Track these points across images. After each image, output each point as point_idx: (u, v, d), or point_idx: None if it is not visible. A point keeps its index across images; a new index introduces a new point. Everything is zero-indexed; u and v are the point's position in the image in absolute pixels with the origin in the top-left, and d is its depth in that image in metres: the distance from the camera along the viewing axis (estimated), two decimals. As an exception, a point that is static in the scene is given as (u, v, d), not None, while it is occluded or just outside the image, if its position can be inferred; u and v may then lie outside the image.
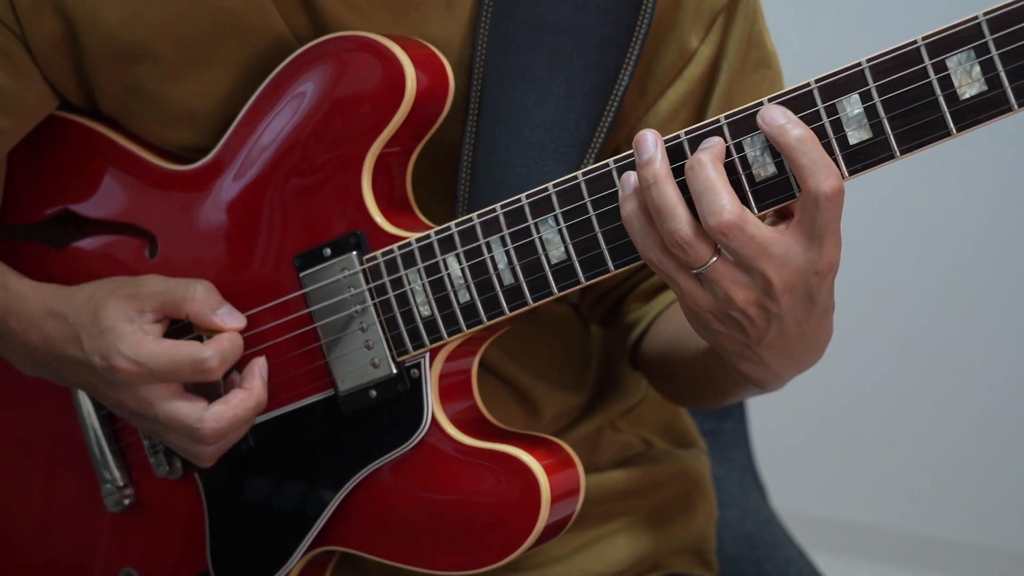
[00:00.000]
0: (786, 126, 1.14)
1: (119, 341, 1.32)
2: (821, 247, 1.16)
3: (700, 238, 1.16)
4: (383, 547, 1.35)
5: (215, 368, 1.32)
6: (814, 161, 1.14)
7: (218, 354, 1.32)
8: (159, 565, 1.44)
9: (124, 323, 1.33)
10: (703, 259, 1.17)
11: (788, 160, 1.15)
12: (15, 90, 1.37)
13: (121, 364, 1.32)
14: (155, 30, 1.34)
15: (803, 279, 1.18)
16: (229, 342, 1.33)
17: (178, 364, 1.31)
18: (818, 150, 1.14)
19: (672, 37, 1.36)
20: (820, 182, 1.14)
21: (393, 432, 1.33)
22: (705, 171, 1.15)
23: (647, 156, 1.17)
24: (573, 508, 1.33)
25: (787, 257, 1.16)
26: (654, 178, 1.17)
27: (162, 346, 1.32)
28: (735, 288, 1.18)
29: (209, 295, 1.35)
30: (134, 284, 1.36)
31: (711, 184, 1.15)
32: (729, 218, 1.14)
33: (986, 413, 2.99)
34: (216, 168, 1.37)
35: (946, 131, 1.11)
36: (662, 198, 1.17)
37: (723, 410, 1.86)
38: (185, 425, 1.33)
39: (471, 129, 1.36)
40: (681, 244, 1.16)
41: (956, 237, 2.93)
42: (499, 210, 1.26)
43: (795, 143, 1.14)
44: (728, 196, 1.15)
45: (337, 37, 1.32)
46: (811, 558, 1.75)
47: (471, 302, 1.29)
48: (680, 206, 1.16)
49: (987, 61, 1.09)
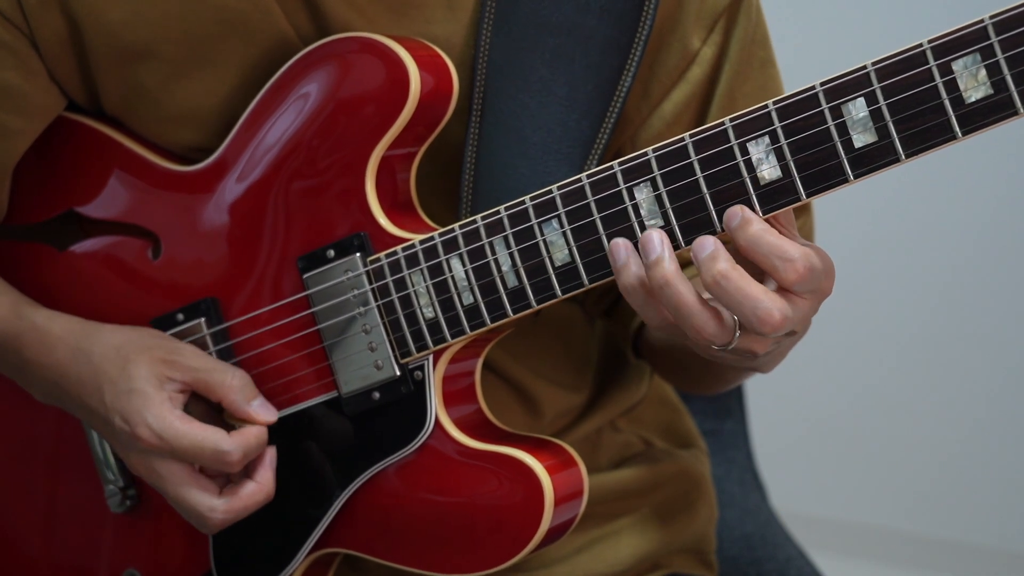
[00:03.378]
0: (737, 230, 1.15)
1: (145, 409, 1.32)
2: (821, 292, 1.18)
3: (723, 326, 1.17)
4: (386, 549, 1.35)
5: (235, 463, 1.32)
6: (767, 257, 1.15)
7: (241, 449, 1.32)
8: (162, 566, 1.44)
9: (153, 388, 1.32)
10: (727, 340, 1.18)
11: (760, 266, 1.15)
12: (27, 90, 1.37)
13: (143, 433, 1.32)
14: (158, 29, 1.34)
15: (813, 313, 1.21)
16: (255, 439, 1.33)
17: (200, 451, 1.31)
18: (768, 244, 1.14)
19: (674, 38, 1.36)
20: (783, 276, 1.15)
21: (396, 434, 1.33)
22: (733, 283, 1.15)
23: (654, 255, 1.17)
24: (576, 511, 1.33)
25: (804, 313, 1.18)
26: (664, 280, 1.16)
27: (188, 427, 1.32)
28: (756, 345, 1.20)
29: (245, 385, 1.34)
30: (172, 350, 1.35)
31: (748, 293, 1.14)
32: (779, 318, 1.15)
33: (986, 413, 2.99)
34: (220, 169, 1.37)
35: (952, 135, 1.11)
36: (678, 298, 1.16)
37: (723, 410, 1.86)
38: (195, 511, 1.34)
39: (474, 130, 1.36)
40: (708, 338, 1.17)
41: (956, 237, 2.93)
42: (503, 212, 1.26)
43: (746, 245, 1.14)
44: (766, 296, 1.15)
45: (341, 38, 1.32)
46: (811, 558, 1.75)
47: (475, 304, 1.29)
48: (698, 303, 1.16)
49: (993, 64, 1.09)
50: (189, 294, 1.39)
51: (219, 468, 1.33)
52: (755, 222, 1.15)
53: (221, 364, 1.35)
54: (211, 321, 1.38)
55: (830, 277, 1.19)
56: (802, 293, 1.16)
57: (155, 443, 1.32)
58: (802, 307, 1.17)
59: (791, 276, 1.14)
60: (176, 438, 1.31)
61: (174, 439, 1.31)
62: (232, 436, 1.32)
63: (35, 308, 1.41)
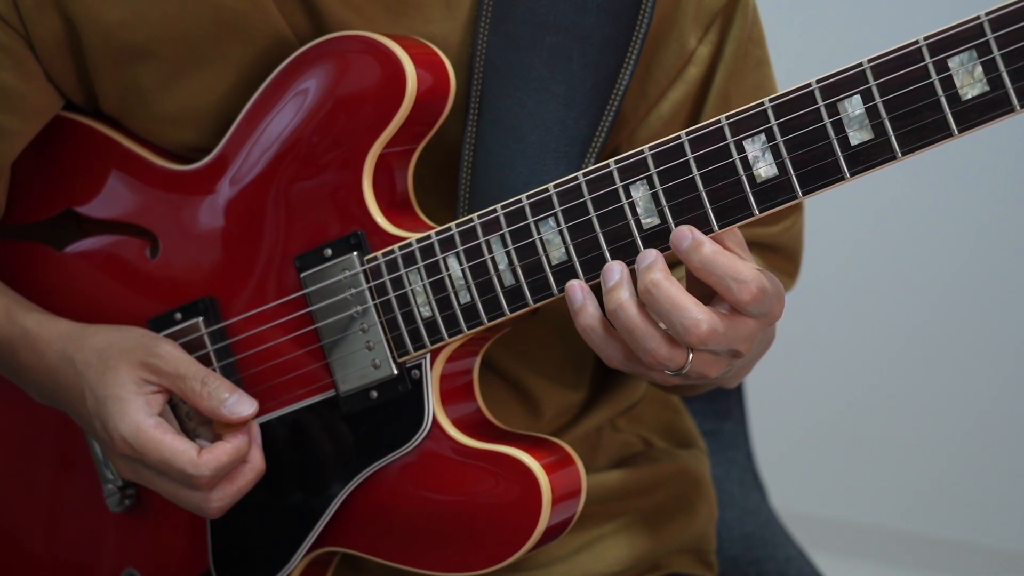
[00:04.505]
0: (689, 251, 1.17)
1: (120, 416, 1.32)
2: (770, 315, 1.20)
3: (675, 348, 1.20)
4: (384, 548, 1.35)
5: (204, 484, 1.32)
6: (721, 278, 1.17)
7: (210, 469, 1.31)
8: (161, 565, 1.44)
9: (129, 393, 1.33)
10: (680, 363, 1.20)
11: (704, 281, 1.17)
12: (23, 90, 1.37)
13: (117, 441, 1.32)
14: (156, 29, 1.34)
15: (761, 334, 1.23)
16: (228, 457, 1.32)
17: (169, 468, 1.31)
18: (722, 265, 1.16)
19: (671, 38, 1.36)
20: (736, 295, 1.17)
21: (394, 433, 1.33)
22: (663, 291, 1.18)
23: (612, 282, 1.20)
24: (574, 510, 1.33)
25: (750, 334, 1.20)
26: (618, 304, 1.19)
27: (160, 439, 1.31)
28: (708, 368, 1.22)
29: (215, 391, 1.33)
30: (150, 352, 1.35)
31: (676, 303, 1.17)
32: (706, 329, 1.17)
33: (986, 413, 2.99)
34: (217, 168, 1.37)
35: (948, 132, 1.11)
36: (630, 321, 1.19)
37: (723, 410, 1.86)
38: (190, 504, 1.34)
39: (471, 129, 1.36)
40: (661, 361, 1.19)
41: (956, 237, 2.93)
42: (500, 210, 1.26)
43: (699, 266, 1.17)
44: (695, 307, 1.17)
45: (338, 37, 1.32)
46: (811, 558, 1.75)
47: (472, 303, 1.29)
48: (651, 326, 1.19)
49: (989, 61, 1.09)
50: (187, 293, 1.39)
51: (188, 486, 1.32)
52: (707, 243, 1.17)
53: (193, 369, 1.34)
54: (209, 320, 1.38)
55: (780, 301, 1.21)
56: (755, 315, 1.19)
57: (128, 452, 1.32)
58: (746, 328, 1.19)
59: (745, 296, 1.17)
60: (147, 451, 1.31)
61: (144, 451, 1.31)
62: (202, 455, 1.31)
63: (27, 312, 1.41)
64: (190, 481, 1.31)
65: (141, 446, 1.31)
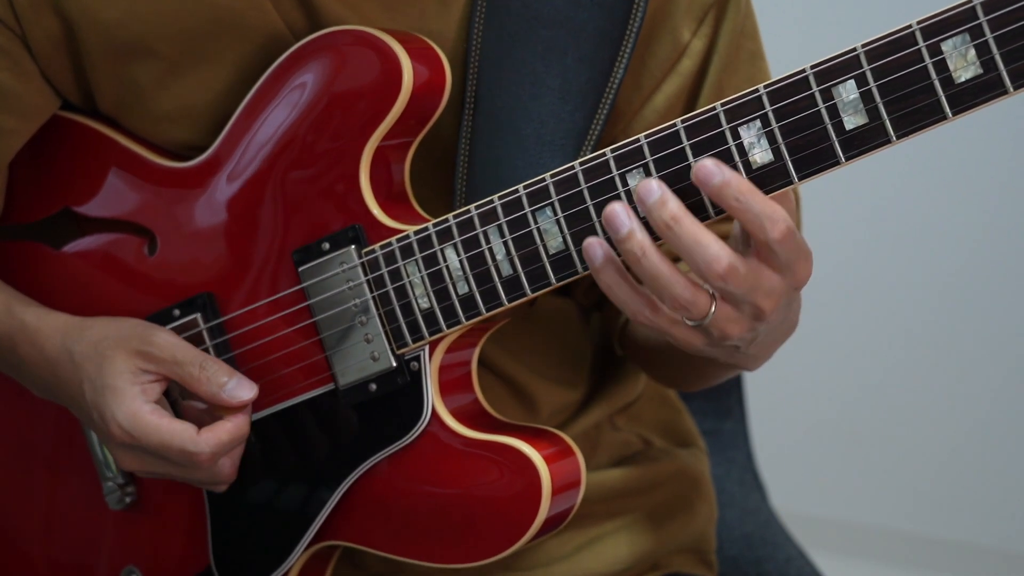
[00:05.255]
0: (722, 187, 1.15)
1: (116, 405, 1.32)
2: (795, 272, 1.18)
3: (698, 292, 1.18)
4: (384, 541, 1.35)
5: (204, 462, 1.32)
6: (757, 214, 1.15)
7: (211, 449, 1.31)
8: (161, 563, 1.44)
9: (125, 383, 1.33)
10: (704, 311, 1.18)
11: (734, 217, 1.16)
12: (19, 90, 1.38)
13: (115, 430, 1.32)
14: (153, 28, 1.34)
15: (785, 298, 1.20)
16: (228, 436, 1.32)
17: (168, 450, 1.31)
18: (758, 201, 1.15)
19: (665, 31, 1.36)
20: (767, 232, 1.15)
21: (393, 425, 1.33)
22: (685, 227, 1.16)
23: (625, 230, 1.17)
24: (574, 500, 1.33)
25: (772, 288, 1.18)
26: (642, 251, 1.17)
27: (158, 423, 1.32)
28: (731, 325, 1.20)
29: (214, 374, 1.33)
30: (146, 340, 1.34)
31: (697, 238, 1.16)
32: (726, 264, 1.15)
33: (986, 413, 2.99)
34: (214, 164, 1.38)
35: (942, 115, 1.12)
36: (655, 268, 1.17)
37: (723, 410, 1.86)
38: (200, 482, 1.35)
39: (467, 123, 1.36)
40: (684, 305, 1.17)
41: (956, 237, 2.93)
42: (496, 201, 1.27)
43: (734, 203, 1.15)
44: (716, 244, 1.16)
45: (333, 31, 1.32)
46: (811, 558, 1.75)
47: (470, 294, 1.29)
48: (674, 271, 1.17)
49: (982, 44, 1.09)
50: (185, 290, 1.39)
51: (190, 465, 1.32)
52: (740, 177, 1.15)
53: (190, 355, 1.34)
54: (207, 316, 1.38)
55: (807, 261, 1.19)
56: (779, 259, 1.16)
57: (126, 440, 1.32)
58: (768, 279, 1.17)
59: (775, 234, 1.15)
60: (145, 435, 1.31)
61: (143, 436, 1.31)
62: (202, 434, 1.31)
63: (26, 306, 1.41)
64: (191, 460, 1.31)
65: (139, 432, 1.31)
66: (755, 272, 1.17)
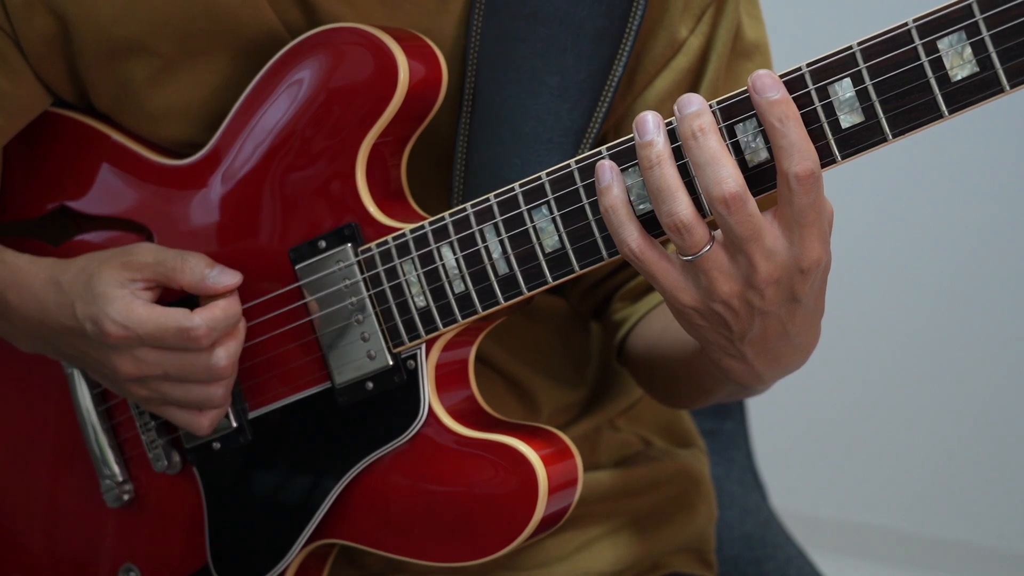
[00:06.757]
0: (772, 104, 1.13)
1: (108, 305, 1.32)
2: (802, 240, 1.15)
3: (699, 222, 1.16)
4: (381, 540, 1.35)
5: (202, 337, 1.32)
6: (792, 144, 1.12)
7: (206, 323, 1.32)
8: (159, 560, 1.44)
9: (115, 288, 1.33)
10: (700, 244, 1.16)
11: (769, 138, 1.14)
12: (7, 88, 1.38)
13: (110, 328, 1.32)
14: (149, 25, 1.34)
15: (787, 273, 1.17)
16: (222, 311, 1.33)
17: (165, 331, 1.32)
18: (798, 132, 1.13)
19: (662, 27, 1.36)
20: (793, 164, 1.12)
21: (390, 424, 1.33)
22: (709, 141, 1.14)
23: (649, 137, 1.16)
24: (571, 499, 1.33)
25: (774, 247, 1.15)
26: (657, 158, 1.16)
27: (151, 311, 1.32)
28: (720, 278, 1.17)
29: (196, 264, 1.34)
30: (127, 252, 1.36)
31: (715, 155, 1.14)
32: (734, 189, 1.13)
33: (986, 413, 2.99)
34: (211, 162, 1.38)
35: (938, 113, 1.11)
36: (664, 179, 1.16)
37: (723, 410, 1.86)
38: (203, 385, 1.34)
39: (465, 121, 1.36)
40: (680, 227, 1.15)
41: (956, 237, 2.93)
42: (493, 199, 1.26)
43: (776, 124, 1.13)
44: (732, 167, 1.14)
45: (330, 28, 1.32)
46: (811, 558, 1.74)
47: (466, 292, 1.29)
48: (682, 188, 1.16)
49: (978, 42, 1.09)
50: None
51: (191, 346, 1.32)
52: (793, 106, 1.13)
53: (172, 252, 1.35)
54: (204, 314, 1.38)
55: (820, 240, 1.16)
56: (792, 208, 1.14)
57: (122, 334, 1.32)
58: (773, 240, 1.15)
59: (799, 168, 1.12)
60: (141, 323, 1.32)
61: (139, 325, 1.32)
62: (196, 312, 1.32)
63: (16, 253, 1.42)
64: (189, 338, 1.31)
65: (134, 321, 1.32)
66: (760, 220, 1.14)
